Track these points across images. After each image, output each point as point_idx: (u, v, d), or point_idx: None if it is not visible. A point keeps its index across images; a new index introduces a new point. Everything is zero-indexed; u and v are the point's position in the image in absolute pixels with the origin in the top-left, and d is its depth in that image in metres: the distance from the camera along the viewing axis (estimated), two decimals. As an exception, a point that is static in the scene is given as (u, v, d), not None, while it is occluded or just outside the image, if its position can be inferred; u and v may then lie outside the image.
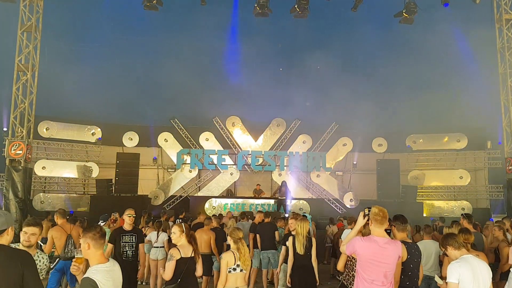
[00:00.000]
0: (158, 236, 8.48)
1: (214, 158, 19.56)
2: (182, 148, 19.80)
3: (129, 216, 5.96)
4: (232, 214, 11.98)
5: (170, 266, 4.31)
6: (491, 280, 3.70)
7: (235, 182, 20.24)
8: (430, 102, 19.52)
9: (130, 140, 19.70)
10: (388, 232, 4.26)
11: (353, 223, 8.12)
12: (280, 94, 19.76)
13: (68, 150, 19.33)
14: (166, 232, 8.52)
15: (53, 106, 18.32)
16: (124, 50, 21.27)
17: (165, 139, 19.93)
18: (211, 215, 11.38)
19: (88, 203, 17.90)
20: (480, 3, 15.72)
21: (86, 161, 19.42)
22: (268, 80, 20.68)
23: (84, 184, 19.90)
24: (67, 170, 19.13)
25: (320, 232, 12.92)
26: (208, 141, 20.08)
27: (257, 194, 17.83)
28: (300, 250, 5.47)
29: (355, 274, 3.86)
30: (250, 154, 19.75)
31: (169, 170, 20.78)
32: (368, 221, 3.82)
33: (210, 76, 21.83)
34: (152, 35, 20.33)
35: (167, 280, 4.39)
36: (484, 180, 20.13)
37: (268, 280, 8.67)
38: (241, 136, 20.53)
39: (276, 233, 8.50)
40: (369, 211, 3.81)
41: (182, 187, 19.80)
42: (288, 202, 16.64)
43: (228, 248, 4.78)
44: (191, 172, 19.65)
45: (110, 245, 5.60)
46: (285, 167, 19.84)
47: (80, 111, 18.70)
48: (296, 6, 16.09)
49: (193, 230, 7.62)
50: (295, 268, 5.51)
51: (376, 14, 18.85)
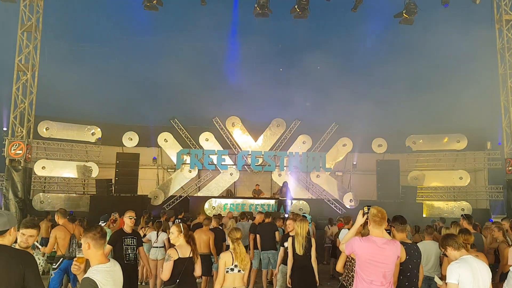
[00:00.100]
0: (157, 236, 8.48)
1: (214, 158, 19.56)
2: (182, 148, 19.80)
3: (130, 218, 5.89)
4: (232, 214, 11.95)
5: (168, 267, 4.31)
6: (491, 281, 3.70)
7: (235, 182, 20.23)
8: (430, 102, 19.52)
9: (130, 140, 19.70)
10: (388, 232, 4.26)
11: (350, 223, 8.12)
12: (280, 94, 19.75)
13: (68, 150, 19.32)
14: (166, 232, 8.51)
15: (53, 106, 18.33)
16: (124, 50, 21.29)
17: (165, 139, 19.92)
18: (212, 215, 11.37)
19: (87, 203, 17.91)
20: (480, 3, 15.74)
21: (86, 161, 19.41)
22: (268, 80, 20.69)
23: (84, 184, 19.89)
24: (67, 170, 19.13)
25: (320, 232, 12.91)
26: (208, 141, 20.07)
27: (256, 195, 17.84)
28: (300, 251, 5.47)
29: (354, 274, 3.86)
30: (250, 154, 19.74)
31: (169, 170, 20.77)
32: (367, 220, 3.81)
33: (210, 76, 21.82)
34: (152, 35, 20.30)
35: (165, 281, 4.38)
36: (484, 181, 20.10)
37: (268, 281, 8.66)
38: (241, 136, 20.52)
39: (277, 233, 8.49)
40: (368, 210, 3.78)
41: (182, 187, 19.79)
42: (288, 202, 16.63)
43: (227, 248, 4.78)
44: (191, 172, 19.65)
45: (109, 246, 5.49)
46: (285, 168, 19.83)
47: (80, 111, 18.71)
48: (296, 7, 16.11)
49: (192, 230, 7.64)
50: (294, 269, 5.51)
51: (376, 15, 18.84)
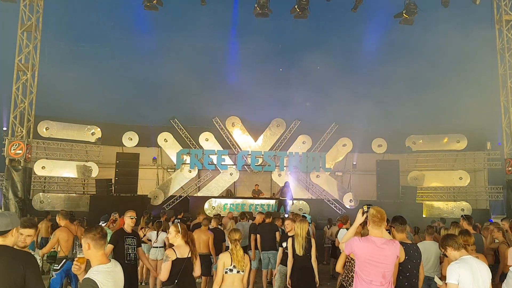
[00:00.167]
0: (157, 236, 8.48)
1: (214, 158, 19.55)
2: (181, 148, 19.78)
3: (131, 218, 5.88)
4: (232, 214, 11.94)
5: (166, 267, 4.34)
6: (491, 281, 3.70)
7: (234, 182, 20.22)
8: (430, 102, 19.53)
9: (130, 140, 19.69)
10: (389, 232, 4.25)
11: (347, 223, 8.16)
12: (280, 94, 19.77)
13: (67, 150, 19.31)
14: (166, 232, 8.51)
15: (53, 106, 18.34)
16: (124, 50, 21.32)
17: (164, 139, 19.90)
18: (212, 215, 11.37)
19: (87, 203, 17.90)
20: (480, 3, 15.74)
21: (86, 161, 19.40)
22: (268, 80, 20.69)
23: (84, 184, 19.88)
24: (67, 170, 19.12)
25: (320, 232, 12.90)
26: (208, 141, 20.05)
27: (256, 195, 17.84)
28: (300, 252, 5.47)
29: (353, 275, 3.85)
30: (250, 154, 19.73)
31: (168, 170, 20.77)
32: (366, 219, 3.80)
33: (210, 76, 21.84)
34: (152, 35, 20.32)
35: (163, 281, 4.41)
36: (484, 181, 20.11)
37: (267, 281, 8.66)
38: (241, 136, 20.51)
39: (277, 233, 8.47)
40: (368, 209, 3.77)
41: (181, 187, 19.78)
42: (289, 202, 16.61)
43: (227, 249, 4.79)
44: (190, 172, 19.63)
45: (110, 246, 5.45)
46: (284, 168, 19.81)
47: (80, 111, 18.70)
48: (296, 7, 16.11)
49: (192, 230, 7.64)
50: (294, 269, 5.50)
51: (376, 15, 18.86)
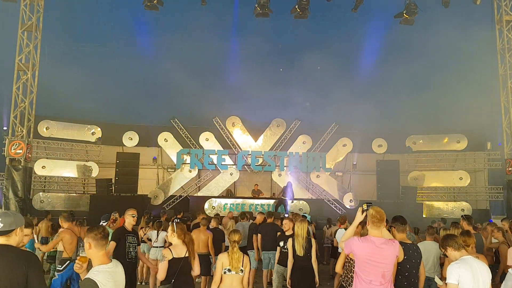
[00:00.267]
0: (157, 236, 8.48)
1: (214, 158, 19.55)
2: (182, 148, 19.78)
3: (133, 217, 5.86)
4: (232, 214, 11.94)
5: (163, 267, 4.39)
6: (491, 281, 3.70)
7: (234, 182, 20.24)
8: (430, 102, 19.51)
9: (130, 140, 19.70)
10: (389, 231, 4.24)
11: (345, 223, 8.22)
12: (280, 94, 19.75)
13: (68, 150, 19.33)
14: (166, 231, 8.51)
15: (53, 106, 18.34)
16: (124, 50, 21.30)
17: (165, 139, 19.91)
18: (212, 215, 11.37)
19: (88, 202, 17.93)
20: (481, 4, 15.73)
21: (86, 160, 19.41)
22: (268, 80, 20.67)
23: (84, 184, 19.89)
24: (67, 170, 19.13)
25: (320, 232, 12.90)
26: (208, 141, 20.06)
27: (255, 195, 17.84)
28: (300, 252, 5.47)
29: (353, 275, 3.85)
30: (250, 154, 19.73)
31: (169, 170, 20.77)
32: (366, 218, 3.79)
33: (210, 76, 21.83)
34: (152, 35, 20.32)
35: (161, 280, 4.45)
36: (484, 181, 20.10)
37: (268, 281, 8.65)
38: (241, 136, 20.51)
39: (279, 233, 8.47)
40: (368, 207, 3.75)
41: (182, 187, 19.78)
42: (289, 202, 16.60)
43: (227, 249, 4.79)
44: (191, 172, 19.64)
45: (113, 243, 5.37)
46: (285, 168, 19.82)
47: (80, 111, 18.71)
48: (296, 7, 16.11)
49: (192, 230, 7.65)
50: (295, 269, 5.51)
51: (376, 15, 18.85)
